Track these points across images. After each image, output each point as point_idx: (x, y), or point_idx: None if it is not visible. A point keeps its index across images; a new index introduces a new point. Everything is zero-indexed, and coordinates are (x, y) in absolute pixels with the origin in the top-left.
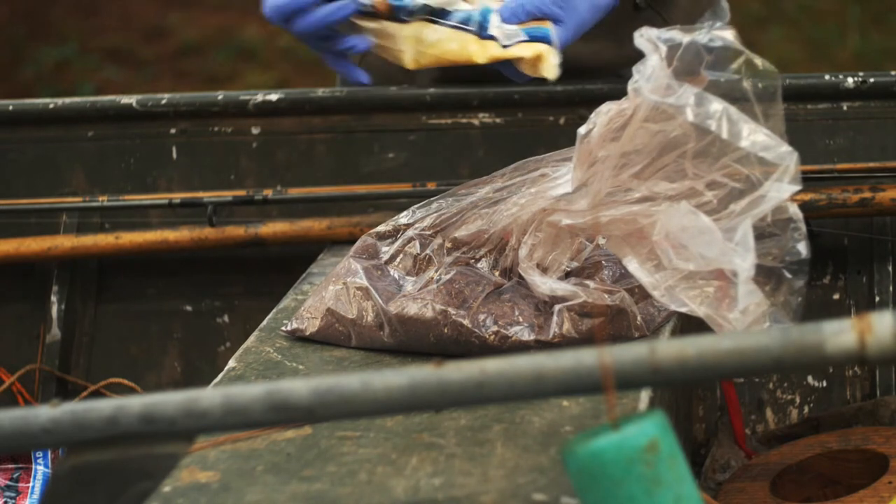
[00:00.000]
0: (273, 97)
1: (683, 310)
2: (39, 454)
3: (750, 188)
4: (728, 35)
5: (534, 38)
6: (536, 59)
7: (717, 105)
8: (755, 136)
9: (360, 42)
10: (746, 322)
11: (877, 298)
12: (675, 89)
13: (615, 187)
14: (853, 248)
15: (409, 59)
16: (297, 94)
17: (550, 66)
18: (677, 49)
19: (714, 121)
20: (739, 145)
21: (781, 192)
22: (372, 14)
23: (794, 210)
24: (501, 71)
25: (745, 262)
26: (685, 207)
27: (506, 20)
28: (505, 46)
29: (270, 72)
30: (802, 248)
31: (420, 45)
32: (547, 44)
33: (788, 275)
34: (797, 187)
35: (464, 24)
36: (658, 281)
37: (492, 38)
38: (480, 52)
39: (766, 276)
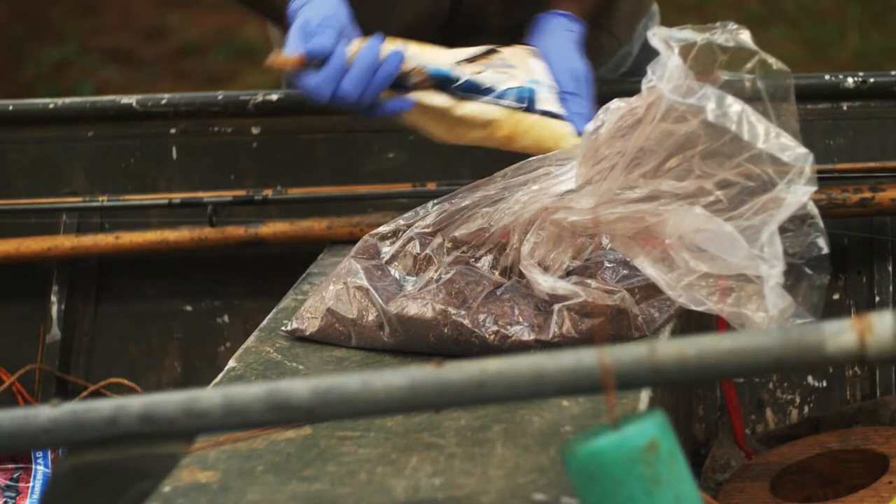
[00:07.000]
0: (273, 97)
1: (702, 308)
2: (39, 454)
3: (762, 187)
4: (743, 35)
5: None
6: (559, 139)
7: (737, 106)
8: (774, 138)
9: (404, 104)
10: (773, 323)
11: (877, 298)
12: (696, 90)
13: (621, 186)
14: (853, 248)
15: (444, 134)
16: (297, 94)
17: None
18: (691, 48)
19: (734, 122)
20: (758, 146)
21: (799, 194)
22: (415, 85)
23: (811, 206)
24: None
25: (773, 270)
26: (699, 211)
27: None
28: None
29: (270, 72)
30: (822, 243)
31: (463, 125)
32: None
33: (809, 271)
34: (813, 188)
35: (513, 103)
36: (673, 280)
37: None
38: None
39: (785, 272)
